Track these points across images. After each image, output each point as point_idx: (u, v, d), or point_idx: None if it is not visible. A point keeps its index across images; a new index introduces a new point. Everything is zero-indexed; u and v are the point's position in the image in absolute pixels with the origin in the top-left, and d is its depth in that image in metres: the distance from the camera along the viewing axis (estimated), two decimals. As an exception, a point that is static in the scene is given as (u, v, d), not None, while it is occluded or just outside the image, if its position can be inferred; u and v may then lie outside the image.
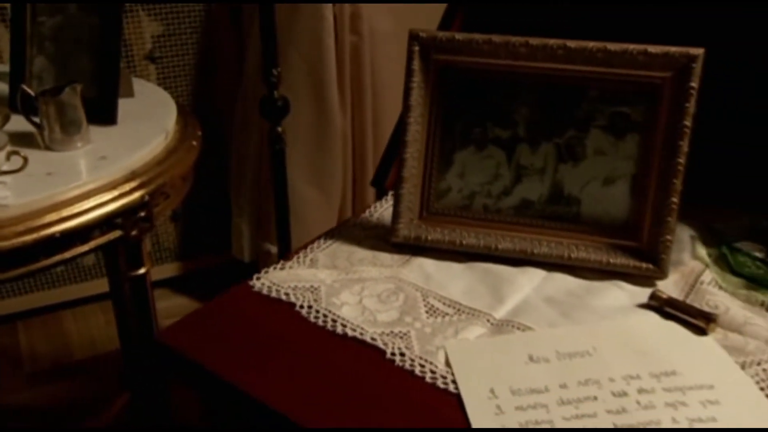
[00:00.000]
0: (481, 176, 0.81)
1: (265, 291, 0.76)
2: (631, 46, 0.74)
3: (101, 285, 1.79)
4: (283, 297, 0.75)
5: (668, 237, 0.75)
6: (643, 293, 0.75)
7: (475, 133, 0.80)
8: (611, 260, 0.77)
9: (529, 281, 0.77)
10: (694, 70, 0.73)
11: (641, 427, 0.60)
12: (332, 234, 0.86)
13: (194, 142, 1.12)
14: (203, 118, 1.82)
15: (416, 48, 0.78)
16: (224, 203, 1.93)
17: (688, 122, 0.73)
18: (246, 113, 1.75)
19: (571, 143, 0.78)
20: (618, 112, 0.77)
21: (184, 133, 1.11)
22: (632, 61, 0.74)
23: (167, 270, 2.00)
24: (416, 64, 0.79)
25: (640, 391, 0.64)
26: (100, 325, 1.88)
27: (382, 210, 0.91)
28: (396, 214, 0.81)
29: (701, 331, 0.70)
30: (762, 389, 0.64)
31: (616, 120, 0.77)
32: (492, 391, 0.64)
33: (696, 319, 0.70)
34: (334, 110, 1.69)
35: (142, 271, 1.08)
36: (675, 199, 0.75)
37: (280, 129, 1.41)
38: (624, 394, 0.63)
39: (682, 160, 0.74)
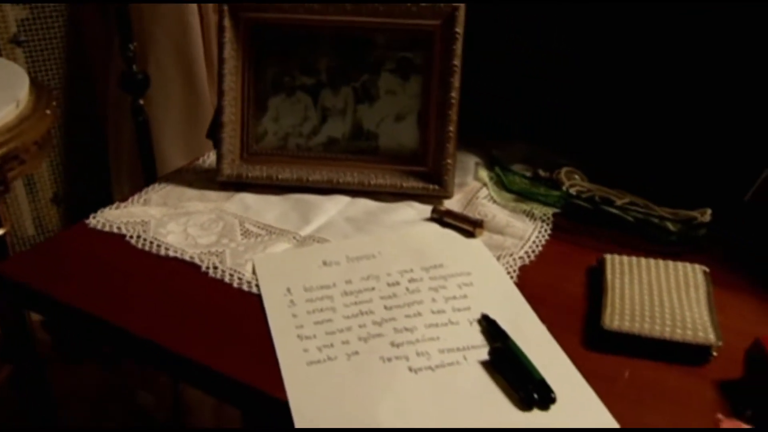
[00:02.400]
0: (293, 119, 0.92)
1: (99, 227, 0.86)
2: (406, 0, 0.87)
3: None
4: (116, 230, 0.85)
5: (449, 161, 0.89)
6: (429, 210, 0.89)
7: (284, 81, 0.92)
8: (404, 184, 0.90)
9: (334, 206, 0.90)
10: (458, 18, 0.87)
11: (406, 305, 0.73)
12: (166, 178, 0.96)
13: (48, 111, 1.19)
14: (78, 100, 1.88)
15: (225, 7, 0.89)
16: (105, 182, 1.97)
17: (456, 62, 0.87)
18: (118, 92, 1.81)
19: (366, 86, 0.91)
20: (403, 57, 0.90)
21: (38, 103, 1.18)
22: (408, 12, 0.87)
23: (51, 252, 2.04)
24: (227, 22, 0.89)
25: (411, 280, 0.77)
26: (-17, 308, 1.91)
27: (214, 158, 1.01)
28: (219, 156, 0.92)
29: (470, 234, 0.84)
30: (508, 273, 0.78)
31: (401, 64, 0.90)
32: (288, 289, 0.76)
33: (466, 225, 0.85)
34: (204, 86, 1.77)
35: (0, 232, 1.15)
36: (452, 128, 0.88)
37: (141, 102, 1.48)
38: (396, 284, 0.77)
39: (454, 95, 0.88)
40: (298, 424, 0.61)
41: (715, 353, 0.67)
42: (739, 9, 0.85)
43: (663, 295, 0.72)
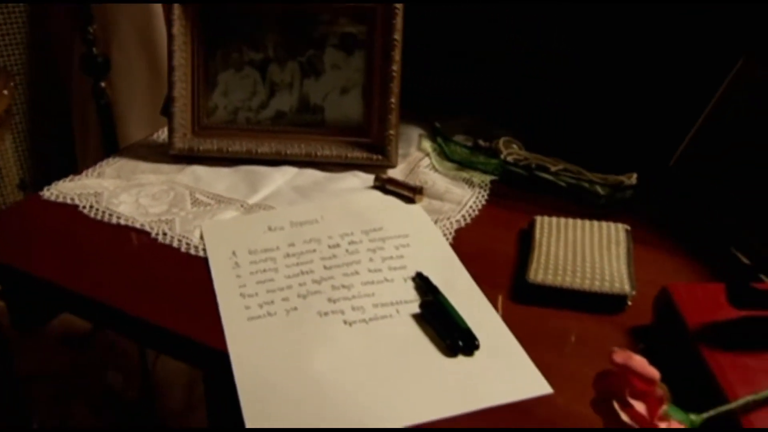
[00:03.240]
0: (242, 94, 0.96)
1: (53, 198, 0.89)
2: (347, -22, 0.91)
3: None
4: (69, 201, 0.88)
5: (391, 132, 0.93)
6: (373, 179, 0.93)
7: (233, 57, 0.95)
8: (349, 155, 0.94)
9: (282, 176, 0.93)
10: (398, -6, 0.91)
11: (345, 265, 0.77)
12: (121, 153, 0.99)
13: (5, 92, 1.21)
14: (43, 85, 1.89)
15: (173, -15, 0.92)
16: (72, 168, 1.99)
17: (397, 36, 0.91)
18: (82, 76, 1.82)
19: (312, 61, 0.95)
20: (347, 32, 0.94)
21: (-5, 84, 1.21)
22: (350, -11, 0.91)
23: (19, 237, 2.05)
24: (175, 0, 0.92)
25: (351, 243, 0.81)
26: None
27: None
28: (171, 130, 0.95)
29: (410, 200, 0.88)
30: (445, 235, 0.83)
31: (345, 39, 0.94)
32: (233, 252, 0.79)
33: (406, 191, 0.89)
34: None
35: (-38, 212, 1.17)
36: (394, 100, 0.92)
37: (103, 84, 1.51)
38: (337, 246, 0.81)
39: (395, 68, 0.91)
40: (236, 373, 0.65)
41: (630, 302, 0.72)
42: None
43: (586, 252, 0.77)
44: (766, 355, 0.59)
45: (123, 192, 0.89)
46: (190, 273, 0.78)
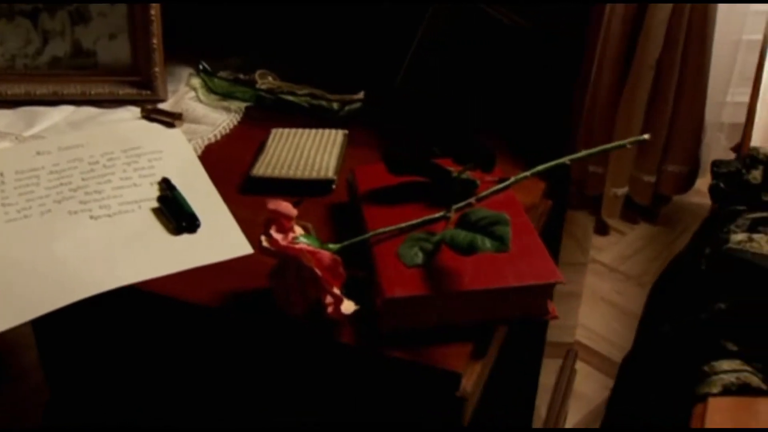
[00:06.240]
0: (17, 42, 1.06)
1: None
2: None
3: None
4: None
5: (156, 69, 1.05)
6: (144, 112, 1.05)
7: (2, 8, 1.05)
8: (121, 92, 1.06)
9: (59, 113, 1.04)
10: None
11: (100, 176, 0.90)
12: None
13: None
14: None
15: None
16: None
17: (153, -15, 1.04)
18: None
19: (80, 9, 1.06)
20: (110, -17, 1.05)
21: None
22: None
23: None
24: (-57, -43, 1.01)
25: (109, 159, 0.94)
26: None
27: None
28: (-49, 78, 1.04)
29: (171, 125, 1.01)
30: (195, 150, 0.97)
31: (109, -11, 1.06)
32: (1, 174, 0.90)
33: (167, 118, 1.02)
34: None
35: None
36: (155, 41, 1.05)
37: None
38: (96, 162, 0.93)
39: (153, 12, 1.04)
40: (-12, 262, 0.76)
41: (335, 186, 0.88)
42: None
43: (305, 151, 0.92)
44: (407, 206, 0.76)
45: None
46: (-38, 194, 0.88)
